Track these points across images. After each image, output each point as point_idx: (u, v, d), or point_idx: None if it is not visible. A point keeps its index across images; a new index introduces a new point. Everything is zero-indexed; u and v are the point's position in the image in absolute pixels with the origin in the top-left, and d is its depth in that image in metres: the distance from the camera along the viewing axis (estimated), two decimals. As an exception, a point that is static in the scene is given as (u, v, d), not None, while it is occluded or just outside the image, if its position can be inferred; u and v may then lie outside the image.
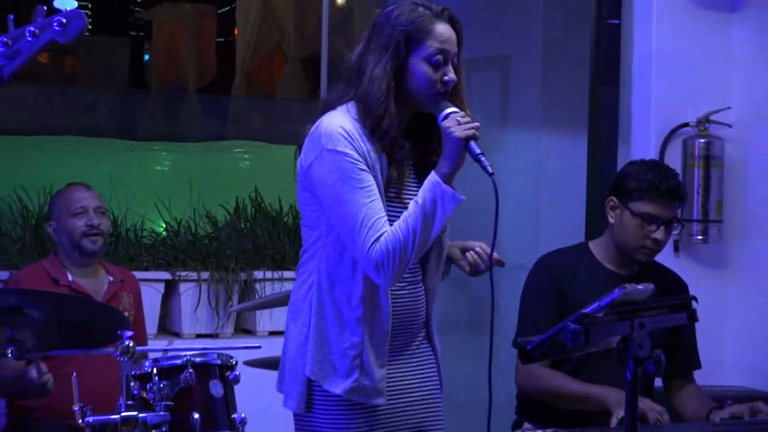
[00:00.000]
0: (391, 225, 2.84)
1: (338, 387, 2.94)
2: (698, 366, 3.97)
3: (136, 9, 16.36)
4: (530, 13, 5.49)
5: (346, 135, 2.88)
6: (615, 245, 3.81)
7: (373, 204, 2.85)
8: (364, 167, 2.88)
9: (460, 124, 2.81)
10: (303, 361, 2.97)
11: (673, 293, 3.80)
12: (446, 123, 2.83)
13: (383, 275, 2.82)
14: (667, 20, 5.18)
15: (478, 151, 2.80)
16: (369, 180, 2.88)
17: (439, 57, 2.92)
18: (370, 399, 2.94)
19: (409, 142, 2.99)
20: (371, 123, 2.91)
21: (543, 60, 5.46)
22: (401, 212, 2.87)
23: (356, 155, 2.87)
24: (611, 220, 3.80)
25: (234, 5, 14.64)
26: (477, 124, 2.85)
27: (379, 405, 2.96)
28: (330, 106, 3.00)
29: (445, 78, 2.91)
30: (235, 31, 14.38)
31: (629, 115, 5.20)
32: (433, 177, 2.82)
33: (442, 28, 2.94)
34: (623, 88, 5.16)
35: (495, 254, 2.99)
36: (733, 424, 3.43)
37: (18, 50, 2.24)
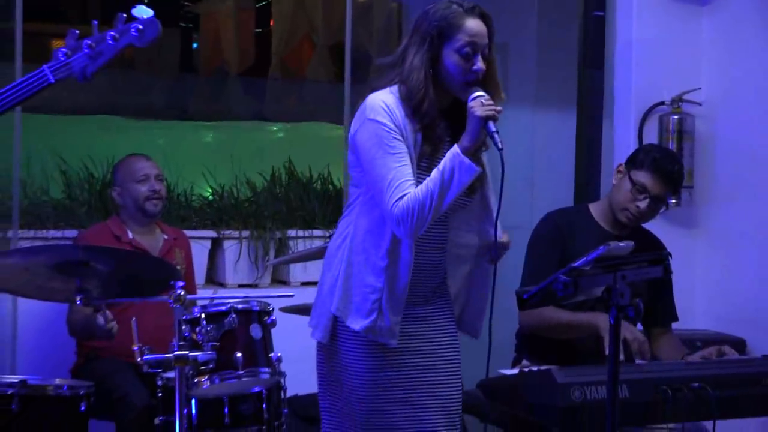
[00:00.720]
0: None
1: (357, 324, 2.97)
2: (675, 318, 3.99)
3: (185, 3, 16.27)
4: (526, 6, 5.49)
5: (385, 108, 2.92)
6: (609, 206, 3.83)
7: (402, 168, 2.88)
8: (399, 137, 2.92)
9: (483, 105, 2.83)
10: (331, 300, 3.02)
11: (646, 243, 3.81)
12: (471, 104, 2.85)
13: (403, 230, 2.85)
14: (646, 12, 5.17)
15: (494, 129, 2.82)
16: (401, 147, 2.91)
17: (468, 49, 2.93)
18: (384, 338, 2.96)
19: (445, 123, 3.00)
20: (413, 105, 2.95)
21: (537, 47, 5.46)
22: None
23: (392, 125, 2.91)
24: (614, 182, 3.83)
25: (269, 1, 14.59)
26: (499, 108, 2.87)
27: (391, 345, 2.98)
28: (377, 88, 3.03)
29: (474, 67, 2.93)
30: (271, 23, 14.31)
31: (612, 95, 5.21)
32: (454, 149, 2.84)
33: (472, 23, 2.95)
34: (607, 72, 5.16)
35: (503, 236, 3.05)
36: (707, 362, 3.45)
37: (101, 52, 2.30)
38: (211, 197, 5.84)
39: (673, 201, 5.04)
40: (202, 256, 5.24)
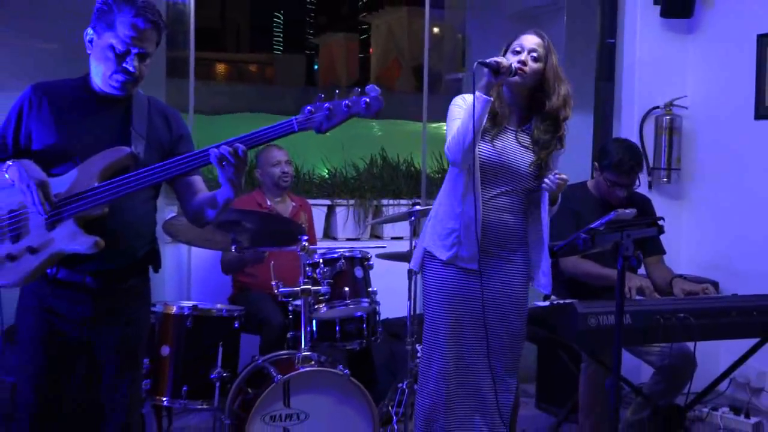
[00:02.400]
0: (481, 165, 2.94)
1: (443, 255, 2.98)
2: (663, 252, 3.91)
3: (309, 35, 16.45)
4: (558, 35, 5.41)
5: (463, 98, 2.98)
6: (598, 185, 3.80)
7: (459, 123, 2.89)
8: (462, 110, 2.93)
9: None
10: (423, 237, 3.08)
11: (645, 209, 3.79)
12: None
13: (455, 153, 2.89)
14: (645, 40, 5.07)
15: (494, 61, 2.81)
16: (463, 112, 2.92)
17: (518, 47, 2.98)
18: (465, 264, 2.97)
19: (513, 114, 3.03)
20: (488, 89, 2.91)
21: (565, 65, 5.34)
22: (489, 153, 2.95)
23: (462, 105, 2.95)
24: (595, 175, 3.82)
25: (369, 34, 14.70)
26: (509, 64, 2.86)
27: (471, 267, 2.95)
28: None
29: (520, 60, 2.93)
30: (370, 50, 14.40)
31: (620, 101, 5.13)
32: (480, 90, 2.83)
33: (527, 35, 3.01)
34: (617, 84, 5.10)
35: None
36: (691, 299, 3.38)
37: (335, 114, 2.26)
38: (326, 175, 5.86)
39: (664, 173, 5.07)
40: (320, 218, 5.27)
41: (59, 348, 2.44)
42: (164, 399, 3.57)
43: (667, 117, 5.04)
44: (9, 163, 2.30)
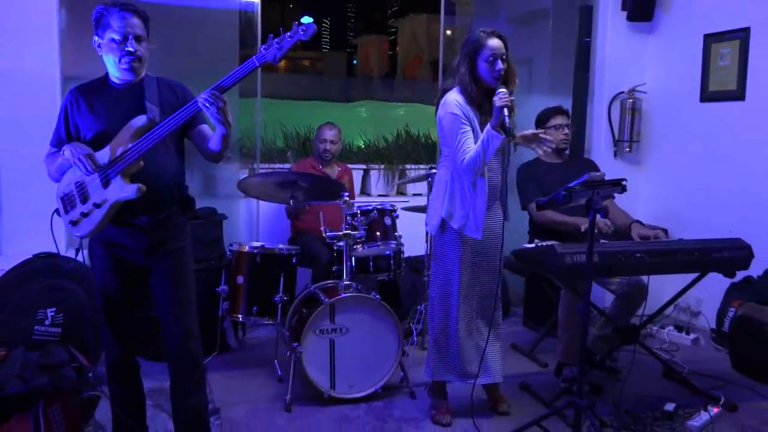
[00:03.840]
0: None
1: (456, 224, 2.97)
2: (612, 196, 3.90)
3: (349, 37, 16.31)
4: (543, 34, 5.32)
5: (458, 104, 2.90)
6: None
7: (466, 141, 2.88)
8: (465, 121, 2.90)
9: (501, 99, 2.77)
10: (440, 208, 3.01)
11: (592, 167, 3.78)
12: (495, 98, 2.79)
13: (468, 173, 2.88)
14: (614, 39, 4.97)
15: (506, 114, 2.75)
16: (466, 128, 2.90)
17: (491, 57, 2.87)
18: (472, 233, 2.96)
19: (486, 107, 2.94)
20: (467, 96, 2.91)
21: (550, 60, 5.30)
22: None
23: (462, 114, 2.89)
24: (548, 137, 3.76)
25: (396, 36, 14.58)
26: (512, 98, 2.81)
27: (476, 237, 2.97)
28: (446, 89, 3.01)
29: (496, 69, 2.87)
30: (397, 49, 14.26)
31: (593, 88, 5.03)
32: (487, 127, 2.80)
33: (493, 41, 2.88)
34: (591, 74, 4.98)
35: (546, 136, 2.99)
36: (643, 242, 3.34)
37: (282, 46, 2.31)
38: (363, 146, 5.81)
39: (627, 144, 5.01)
40: (358, 179, 5.25)
41: (123, 268, 2.55)
42: (239, 316, 3.62)
43: (630, 100, 4.96)
44: (64, 147, 2.44)
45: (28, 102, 3.77)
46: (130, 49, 2.39)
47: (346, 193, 3.61)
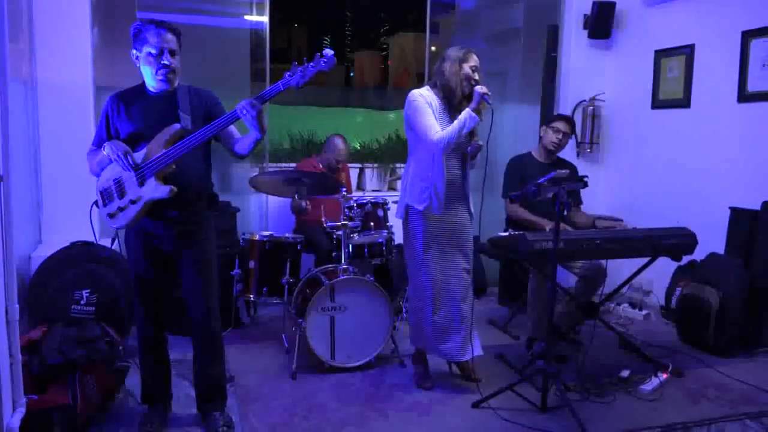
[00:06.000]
0: None
1: (420, 206, 2.94)
2: (581, 202, 3.87)
3: (347, 52, 16.14)
4: (515, 50, 5.29)
5: (420, 95, 2.89)
6: (543, 148, 3.71)
7: (434, 122, 2.85)
8: (426, 106, 2.86)
9: (483, 87, 2.79)
10: (405, 196, 2.98)
11: (567, 167, 3.71)
12: (476, 87, 2.79)
13: (440, 147, 2.82)
14: (577, 53, 4.94)
15: (487, 98, 2.77)
16: (429, 109, 2.87)
17: (473, 66, 2.88)
18: (435, 210, 2.92)
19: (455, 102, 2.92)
20: (448, 92, 2.90)
21: (521, 72, 5.26)
22: None
23: (423, 101, 2.87)
24: (542, 134, 3.72)
25: (387, 52, 14.45)
26: (488, 91, 2.80)
27: (439, 213, 2.92)
28: (425, 83, 3.01)
29: (475, 78, 2.86)
30: (389, 62, 14.14)
31: (559, 97, 5.00)
32: (467, 110, 2.79)
33: (475, 57, 2.89)
34: (557, 85, 4.97)
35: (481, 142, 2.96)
36: (602, 230, 3.34)
37: (305, 74, 2.28)
38: (359, 147, 5.76)
39: (588, 145, 4.95)
40: (355, 176, 5.20)
41: (156, 256, 2.55)
42: (251, 296, 3.60)
43: (591, 107, 4.94)
44: (105, 144, 2.43)
45: (66, 108, 3.77)
46: (166, 62, 2.37)
47: (344, 189, 3.58)
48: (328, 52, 2.28)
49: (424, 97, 2.88)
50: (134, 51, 2.41)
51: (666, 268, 3.97)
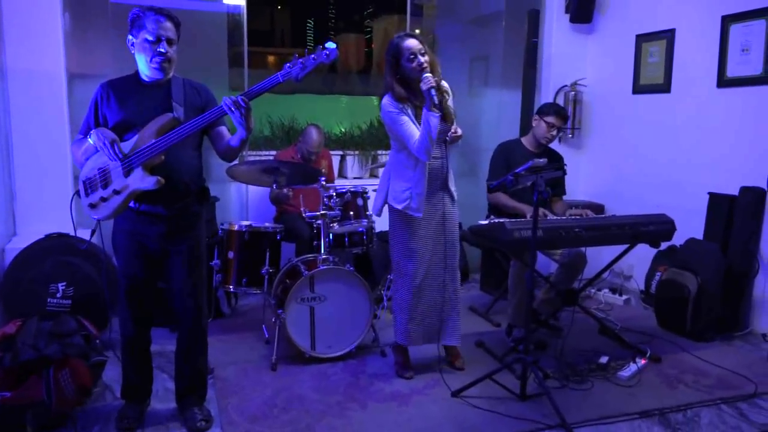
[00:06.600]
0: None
1: (399, 205, 2.92)
2: (564, 193, 3.84)
3: (331, 35, 15.95)
4: (496, 37, 5.25)
5: (390, 103, 2.83)
6: (533, 137, 3.68)
7: (412, 129, 2.82)
8: (400, 112, 2.83)
9: (424, 82, 2.71)
10: (384, 192, 2.97)
11: (556, 160, 3.67)
12: (420, 84, 2.73)
13: (423, 156, 2.79)
14: (558, 38, 4.92)
15: (433, 93, 2.69)
16: (404, 116, 2.83)
17: (411, 56, 2.79)
18: (413, 212, 2.92)
19: (419, 99, 2.85)
20: (396, 97, 2.84)
21: (503, 57, 5.23)
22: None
23: (395, 109, 2.82)
24: (534, 125, 3.67)
25: (371, 35, 14.32)
26: (437, 79, 2.75)
27: (417, 216, 2.92)
28: (383, 95, 2.89)
29: (417, 63, 2.79)
30: (372, 45, 14.00)
31: (540, 82, 4.98)
32: (425, 111, 2.74)
33: (408, 42, 2.80)
34: (539, 70, 4.94)
35: (459, 131, 2.92)
36: (580, 219, 3.34)
37: (305, 66, 2.23)
38: (340, 134, 5.70)
39: (570, 131, 4.94)
40: (336, 163, 5.15)
41: (145, 257, 2.49)
42: (230, 287, 3.57)
43: (573, 92, 4.93)
44: (91, 132, 2.36)
45: (38, 96, 3.70)
46: (162, 50, 2.32)
47: (323, 178, 3.55)
48: (331, 45, 2.22)
49: (393, 104, 2.84)
50: (130, 37, 2.35)
51: (646, 254, 4.00)
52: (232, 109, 2.25)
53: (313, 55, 2.21)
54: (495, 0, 5.24)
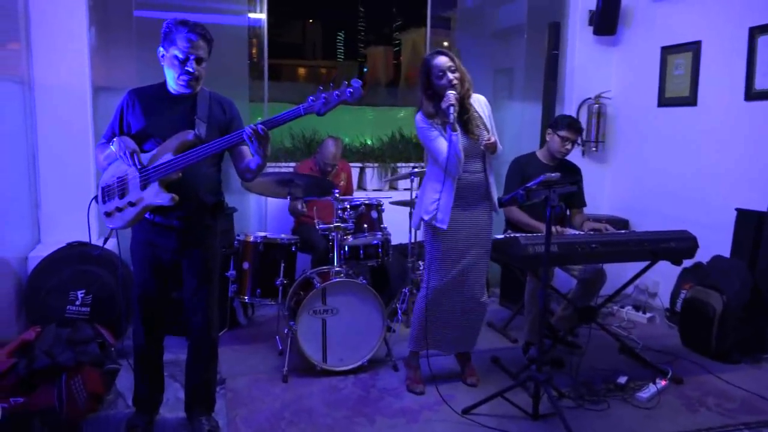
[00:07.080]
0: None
1: (426, 216, 2.92)
2: (584, 204, 3.76)
3: (359, 47, 16.03)
4: (520, 47, 5.20)
5: (422, 119, 2.87)
6: (548, 151, 3.61)
7: (440, 142, 2.84)
8: (431, 128, 2.86)
9: (445, 101, 2.76)
10: (420, 205, 3.00)
11: (573, 172, 3.63)
12: (442, 102, 2.77)
13: (451, 170, 2.83)
14: (582, 51, 4.87)
15: (450, 112, 2.73)
16: (435, 132, 2.85)
17: (440, 73, 2.81)
18: (438, 223, 2.90)
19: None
20: (426, 113, 2.88)
21: (525, 70, 5.18)
22: (464, 143, 2.86)
23: (426, 125, 2.86)
24: (548, 139, 3.61)
25: (400, 48, 14.33)
26: (453, 100, 2.75)
27: (444, 229, 2.90)
28: (418, 107, 2.93)
29: (447, 79, 2.82)
30: (401, 58, 14.04)
31: (563, 95, 4.93)
32: (447, 128, 2.78)
33: (437, 60, 2.83)
34: (561, 83, 4.89)
35: (493, 138, 2.90)
36: (597, 234, 3.28)
37: (329, 102, 2.17)
38: (360, 146, 5.69)
39: (593, 144, 4.87)
40: (356, 175, 5.15)
41: (158, 267, 2.50)
42: (246, 297, 3.59)
43: (596, 105, 4.86)
44: (114, 139, 2.38)
45: (63, 108, 3.78)
46: (190, 69, 2.32)
47: (337, 190, 3.55)
48: (356, 82, 2.15)
49: (424, 121, 2.88)
50: (161, 49, 2.34)
51: (672, 271, 3.90)
52: (252, 138, 2.23)
53: (336, 92, 2.16)
54: (517, 13, 5.21)
